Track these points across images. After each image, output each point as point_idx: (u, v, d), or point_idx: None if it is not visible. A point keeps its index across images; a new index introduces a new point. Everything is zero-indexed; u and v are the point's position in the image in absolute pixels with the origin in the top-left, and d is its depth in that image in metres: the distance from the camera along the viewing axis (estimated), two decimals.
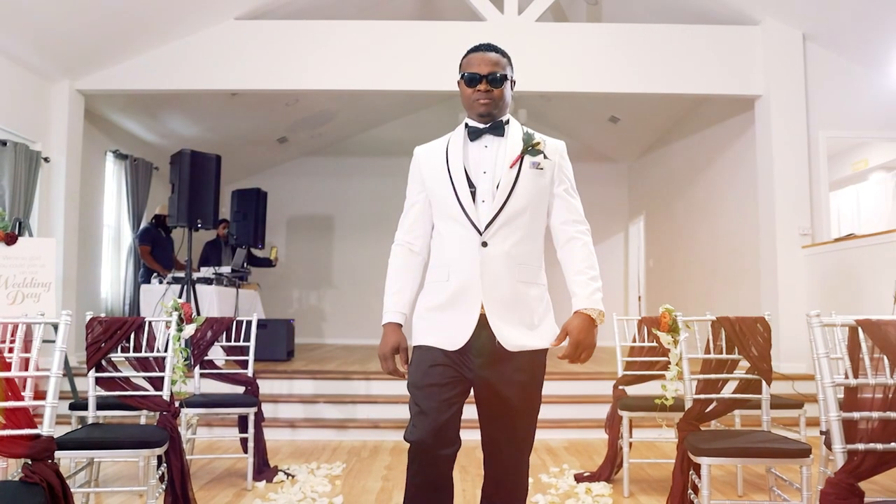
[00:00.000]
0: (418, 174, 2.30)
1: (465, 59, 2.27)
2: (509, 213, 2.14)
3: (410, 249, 2.29)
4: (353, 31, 7.12)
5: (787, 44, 7.08)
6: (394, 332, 2.20)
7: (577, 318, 2.10)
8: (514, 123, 2.28)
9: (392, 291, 2.25)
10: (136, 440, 2.83)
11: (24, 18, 5.81)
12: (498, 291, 2.11)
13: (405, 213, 2.33)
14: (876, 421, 1.96)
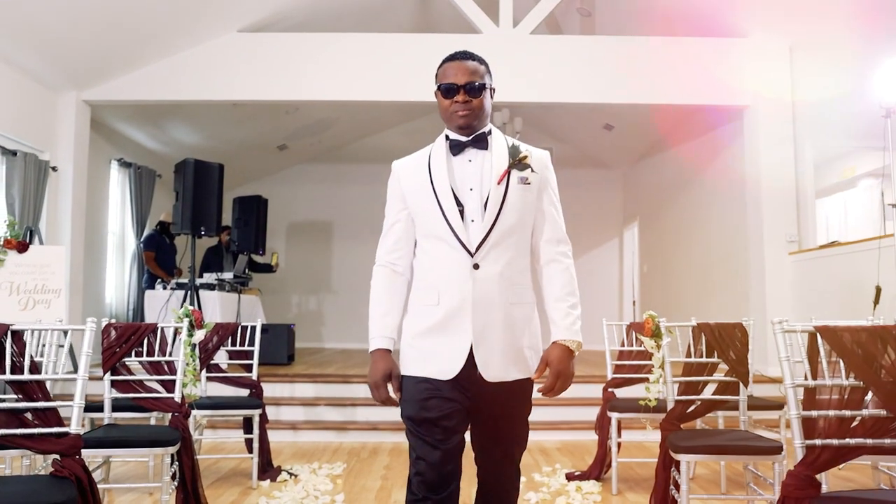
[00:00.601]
0: (398, 191, 2.18)
1: (441, 69, 2.15)
2: (500, 232, 2.05)
3: (394, 270, 2.17)
4: (352, 43, 7.33)
5: (774, 55, 7.30)
6: (384, 359, 2.07)
7: (556, 350, 2.06)
8: (496, 134, 2.18)
9: (378, 315, 2.12)
10: (151, 439, 3.02)
11: (34, 32, 6.01)
12: (489, 316, 2.02)
13: (386, 233, 2.20)
14: (833, 419, 2.15)
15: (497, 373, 2.02)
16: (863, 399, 2.18)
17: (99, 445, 2.95)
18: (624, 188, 12.70)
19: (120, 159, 8.65)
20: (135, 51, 6.98)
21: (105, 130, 8.35)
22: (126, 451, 2.99)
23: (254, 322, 4.75)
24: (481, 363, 2.00)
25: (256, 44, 7.35)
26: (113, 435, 3.05)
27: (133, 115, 8.40)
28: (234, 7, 7.05)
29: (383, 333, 2.09)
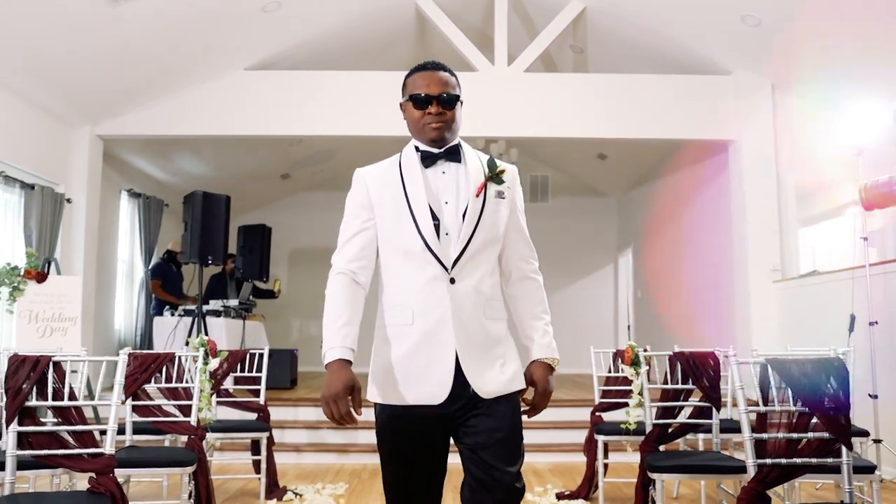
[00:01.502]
0: (366, 199, 2.06)
1: (410, 79, 2.07)
2: (476, 245, 1.99)
3: (354, 280, 2.03)
4: (352, 81, 7.68)
5: (756, 92, 7.64)
6: (345, 370, 1.88)
7: (538, 368, 2.06)
8: (466, 147, 2.12)
9: (339, 325, 1.95)
10: (172, 460, 3.30)
11: (52, 71, 6.35)
12: (470, 332, 1.95)
13: (348, 241, 2.06)
14: (782, 440, 2.44)
15: (491, 387, 1.94)
16: (808, 423, 2.46)
17: (127, 465, 3.22)
18: (618, 215, 13.02)
19: (130, 190, 8.97)
20: (146, 88, 7.32)
21: (116, 162, 8.67)
22: (150, 471, 3.27)
23: (258, 347, 5.03)
24: (473, 378, 1.92)
25: (262, 81, 7.69)
26: (136, 456, 3.32)
27: (142, 147, 8.73)
28: (242, 46, 7.40)
29: (343, 343, 1.92)
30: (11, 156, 6.37)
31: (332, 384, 1.87)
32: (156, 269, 8.60)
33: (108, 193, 8.38)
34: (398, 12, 8.05)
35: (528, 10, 8.42)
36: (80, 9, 5.69)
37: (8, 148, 6.33)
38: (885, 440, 5.13)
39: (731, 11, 6.72)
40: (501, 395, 1.96)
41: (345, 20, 7.70)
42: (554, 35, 7.82)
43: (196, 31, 6.71)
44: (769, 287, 7.35)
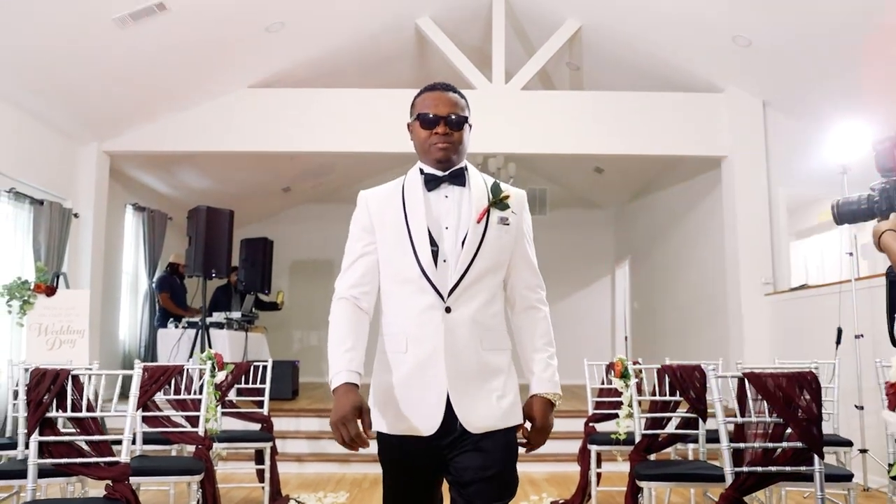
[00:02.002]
0: (368, 222, 2.03)
1: (419, 99, 2.06)
2: (475, 274, 1.93)
3: (357, 305, 1.99)
4: (352, 98, 7.87)
5: (748, 110, 7.82)
6: (352, 393, 1.85)
7: (538, 403, 1.98)
8: (472, 171, 2.06)
9: (344, 349, 1.92)
10: (181, 469, 3.45)
11: (61, 89, 6.53)
12: (463, 363, 1.89)
13: (350, 266, 2.03)
14: (758, 450, 2.59)
15: (480, 422, 1.88)
16: (783, 433, 2.62)
17: (139, 474, 3.36)
18: (615, 227, 13.19)
19: (134, 204, 9.14)
20: (152, 105, 7.50)
21: (121, 177, 8.84)
22: (160, 479, 3.41)
23: (260, 359, 5.18)
24: (462, 413, 1.87)
25: (265, 98, 7.88)
26: (146, 465, 3.47)
27: (147, 162, 8.90)
28: (245, 64, 7.58)
29: (349, 367, 1.89)
30: (22, 173, 6.54)
31: (339, 408, 1.82)
32: (162, 282, 8.76)
33: (113, 207, 8.53)
34: (398, 31, 8.24)
35: (526, 29, 8.62)
36: (91, 32, 5.88)
37: (19, 165, 6.51)
38: (870, 450, 5.29)
39: (723, 32, 6.92)
40: (493, 430, 1.89)
41: (346, 39, 7.89)
42: (550, 53, 8.02)
43: (201, 51, 6.90)
44: (761, 300, 7.51)
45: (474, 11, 8.22)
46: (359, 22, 7.67)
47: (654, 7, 6.98)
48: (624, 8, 7.34)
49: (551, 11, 8.00)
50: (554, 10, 7.97)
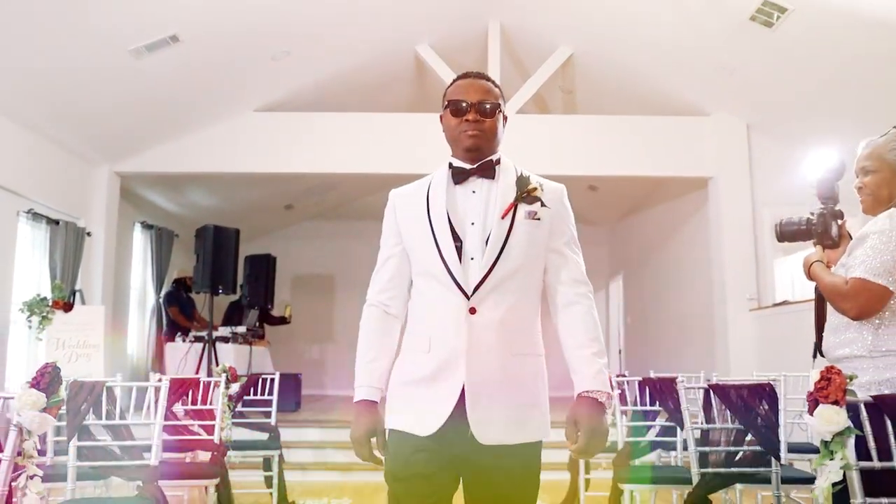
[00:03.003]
0: (394, 223, 1.99)
1: (451, 88, 1.97)
2: (501, 273, 1.82)
3: (386, 311, 1.96)
4: (354, 121, 8.23)
5: (733, 132, 8.18)
6: (368, 412, 1.85)
7: (585, 404, 1.79)
8: (506, 164, 1.96)
9: (365, 361, 1.91)
10: (200, 473, 3.74)
11: (77, 115, 6.87)
12: (485, 369, 1.79)
13: (378, 269, 2.01)
14: (721, 453, 2.90)
15: (494, 435, 1.77)
16: (744, 438, 2.93)
17: (165, 477, 3.66)
18: (609, 243, 13.51)
19: (143, 222, 9.46)
20: (162, 128, 7.83)
21: (130, 196, 9.16)
22: (182, 482, 3.71)
23: (263, 371, 5.49)
24: (474, 422, 1.76)
25: (270, 121, 8.22)
26: (167, 469, 3.76)
27: (155, 182, 9.22)
28: (251, 89, 7.92)
29: (370, 382, 1.88)
30: (40, 194, 6.86)
31: (355, 429, 1.85)
32: (171, 297, 9.07)
33: (123, 225, 8.85)
34: (397, 57, 8.58)
35: (520, 55, 8.97)
36: (107, 62, 6.22)
37: (37, 187, 6.83)
38: None
39: (707, 60, 7.28)
40: (508, 444, 1.79)
41: (347, 65, 8.23)
42: (544, 78, 8.37)
43: (210, 78, 7.23)
44: (746, 315, 7.83)
45: (470, 38, 8.56)
46: (360, 49, 8.01)
47: (642, 35, 7.34)
48: (613, 36, 7.70)
49: (544, 38, 8.36)
50: (546, 38, 8.32)
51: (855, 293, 2.13)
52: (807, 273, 2.39)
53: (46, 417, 1.98)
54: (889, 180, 2.25)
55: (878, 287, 2.10)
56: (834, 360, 2.23)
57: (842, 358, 2.21)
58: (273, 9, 6.44)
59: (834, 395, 1.76)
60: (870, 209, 2.32)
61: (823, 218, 2.47)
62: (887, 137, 2.28)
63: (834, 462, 1.78)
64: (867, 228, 2.19)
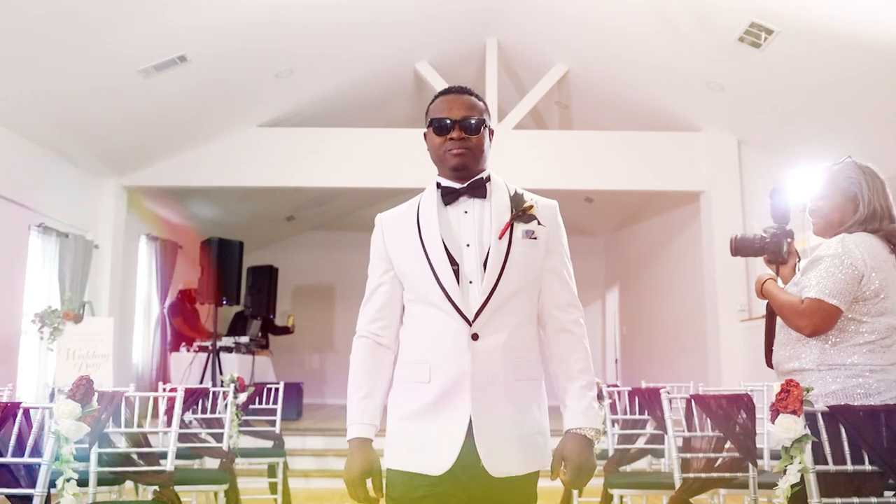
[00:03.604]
0: (383, 249, 1.92)
1: (433, 105, 1.90)
2: (503, 295, 1.77)
3: (377, 342, 1.88)
4: (355, 136, 8.47)
5: (724, 148, 8.41)
6: (362, 451, 1.76)
7: (573, 441, 1.77)
8: (496, 181, 1.90)
9: (358, 397, 1.81)
10: (211, 479, 3.93)
11: (87, 131, 7.10)
12: (491, 397, 1.74)
13: (368, 298, 1.94)
14: (702, 459, 3.10)
15: (505, 466, 1.72)
16: (723, 445, 3.13)
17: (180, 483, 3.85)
18: (606, 254, 13.73)
19: (148, 234, 9.66)
20: (168, 143, 8.05)
21: (136, 208, 9.34)
22: (195, 487, 3.90)
23: (266, 381, 5.68)
24: (485, 453, 1.71)
25: (274, 136, 8.45)
26: (180, 475, 3.95)
27: (160, 194, 9.42)
28: (255, 105, 8.15)
29: (362, 419, 1.79)
30: (50, 208, 7.07)
31: (349, 469, 1.76)
32: (175, 308, 9.27)
33: (128, 237, 9.05)
34: (397, 73, 8.81)
35: (517, 71, 9.20)
36: (117, 81, 6.44)
37: (48, 201, 7.04)
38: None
39: (698, 78, 7.51)
40: (517, 475, 1.75)
41: (348, 81, 8.46)
42: (540, 95, 8.60)
43: (216, 95, 7.46)
44: (737, 325, 8.04)
45: (468, 55, 8.80)
46: (361, 67, 8.24)
47: (635, 53, 7.57)
48: (607, 54, 7.93)
49: (540, 55, 8.59)
50: (543, 55, 8.56)
51: (811, 312, 2.31)
52: (759, 291, 2.59)
53: (81, 425, 2.18)
54: (842, 206, 2.45)
55: (832, 307, 2.29)
56: (784, 373, 2.42)
57: (791, 371, 2.41)
58: (277, 29, 6.66)
59: (792, 405, 1.96)
60: (821, 231, 2.52)
61: (777, 238, 2.67)
62: (842, 166, 2.49)
63: (793, 466, 1.98)
64: (820, 252, 2.39)
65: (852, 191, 2.43)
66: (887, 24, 5.67)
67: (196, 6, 5.90)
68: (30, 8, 5.18)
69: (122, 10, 5.59)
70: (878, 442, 2.03)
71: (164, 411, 3.50)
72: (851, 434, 2.03)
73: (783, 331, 2.49)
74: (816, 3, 5.75)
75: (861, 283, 2.32)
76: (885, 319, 2.31)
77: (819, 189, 2.51)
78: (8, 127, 6.42)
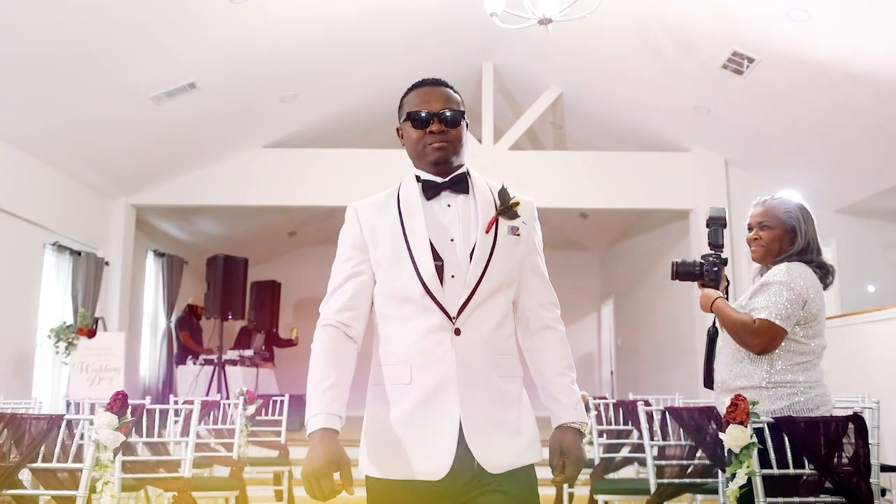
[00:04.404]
0: (360, 238, 1.83)
1: (407, 98, 1.87)
2: (486, 290, 1.74)
3: (346, 333, 1.78)
4: (356, 157, 8.77)
5: (712, 167, 8.72)
6: (329, 442, 1.60)
7: (567, 434, 1.78)
8: (475, 176, 1.88)
9: (324, 387, 1.67)
10: (224, 486, 4.21)
11: (98, 154, 7.41)
12: (478, 393, 1.70)
13: (338, 287, 1.82)
14: (675, 466, 3.38)
15: (501, 460, 1.69)
16: (695, 454, 3.41)
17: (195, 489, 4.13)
18: (601, 268, 14.03)
19: (155, 250, 9.97)
20: (176, 163, 8.36)
21: (144, 226, 9.67)
22: (207, 494, 4.18)
23: (269, 393, 5.96)
24: (479, 451, 1.67)
25: (277, 157, 8.76)
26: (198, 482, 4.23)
27: (167, 212, 9.73)
28: (260, 127, 8.46)
29: (328, 409, 1.64)
30: (64, 227, 7.38)
31: (313, 459, 1.57)
32: (182, 322, 9.56)
33: (136, 254, 9.35)
34: (396, 96, 8.99)
35: (512, 93, 9.53)
36: (129, 107, 6.76)
37: (61, 220, 7.35)
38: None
39: (685, 101, 7.83)
40: (515, 468, 1.72)
41: (349, 104, 8.77)
42: (535, 117, 8.91)
43: (223, 118, 7.77)
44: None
45: (465, 78, 9.10)
46: (361, 91, 8.55)
47: (624, 78, 7.89)
48: (599, 78, 8.25)
49: (535, 79, 8.91)
50: (537, 78, 8.87)
51: (763, 331, 2.59)
52: (707, 306, 2.85)
53: (118, 435, 2.46)
54: (781, 237, 2.73)
55: (780, 329, 2.58)
56: (732, 390, 2.66)
57: (741, 388, 2.63)
58: (281, 58, 6.98)
59: (740, 417, 2.25)
60: (760, 259, 2.81)
61: (714, 264, 2.94)
62: (780, 200, 2.78)
63: (741, 470, 2.27)
64: (768, 279, 2.67)
65: (791, 224, 2.72)
66: (864, 55, 5.98)
67: (205, 37, 6.22)
68: (50, 42, 5.50)
69: (136, 42, 5.92)
70: (816, 449, 2.32)
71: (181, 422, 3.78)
72: (794, 443, 2.33)
73: (729, 350, 2.75)
74: (796, 34, 6.06)
75: (803, 308, 2.61)
76: (818, 341, 2.61)
77: (760, 220, 2.80)
78: (27, 152, 6.74)
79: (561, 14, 5.07)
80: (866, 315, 6.34)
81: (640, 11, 6.58)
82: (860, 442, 2.33)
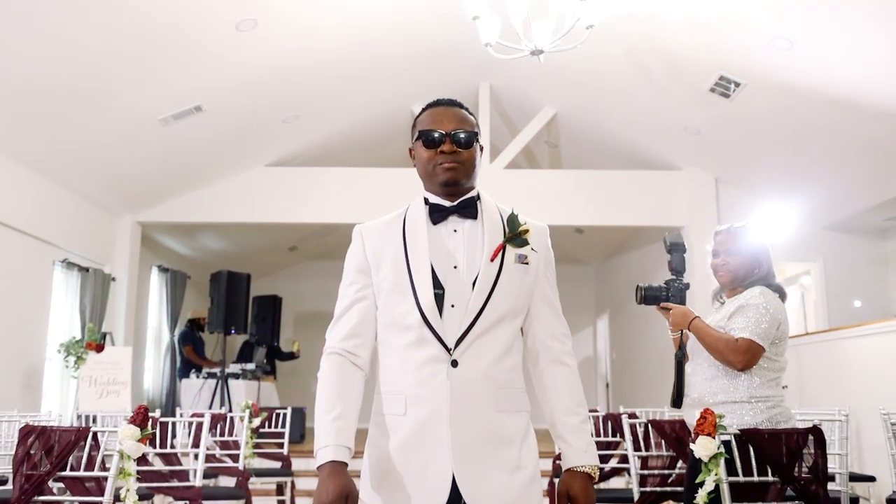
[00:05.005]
0: (364, 262, 1.79)
1: (422, 117, 1.81)
2: (488, 321, 1.68)
3: (352, 362, 1.75)
4: (357, 175, 9.00)
5: (703, 185, 8.97)
6: (338, 475, 1.57)
7: (576, 480, 1.71)
8: (486, 200, 1.82)
9: (331, 417, 1.65)
10: (230, 495, 4.42)
11: (106, 173, 7.65)
12: (471, 429, 1.64)
13: (343, 314, 1.80)
14: (657, 475, 3.60)
15: (494, 501, 1.62)
16: (676, 464, 3.63)
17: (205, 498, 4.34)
18: (596, 282, 14.26)
19: (160, 265, 10.19)
20: (181, 182, 8.60)
21: (148, 242, 9.90)
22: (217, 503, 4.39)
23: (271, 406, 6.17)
24: (468, 490, 1.61)
25: (280, 175, 9.00)
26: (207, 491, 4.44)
27: (171, 228, 9.97)
28: (263, 147, 8.71)
29: (338, 441, 1.62)
30: (72, 244, 7.60)
31: (323, 493, 1.55)
32: (186, 336, 9.77)
33: (141, 269, 9.57)
34: (395, 116, 9.37)
35: (508, 113, 9.78)
36: (137, 130, 7.00)
37: (70, 238, 7.58)
38: None
39: (675, 122, 8.09)
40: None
41: (350, 124, 9.02)
42: (531, 135, 9.15)
43: (227, 139, 8.01)
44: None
45: (463, 98, 9.03)
46: (361, 111, 8.80)
47: (616, 100, 8.14)
48: (592, 99, 8.50)
49: (530, 99, 9.16)
50: (532, 98, 9.12)
51: (746, 349, 2.79)
52: (686, 325, 3.02)
53: (140, 445, 2.67)
54: (747, 263, 2.95)
55: (760, 347, 2.79)
56: (712, 405, 2.85)
57: (720, 403, 2.80)
58: (284, 81, 7.23)
59: (708, 429, 2.47)
60: (726, 283, 3.01)
61: (678, 289, 3.12)
62: (744, 229, 3.00)
63: (710, 477, 2.48)
64: (744, 301, 2.88)
65: (754, 251, 2.95)
66: (846, 81, 6.23)
67: (212, 63, 6.47)
68: (64, 68, 5.75)
69: (146, 68, 6.17)
70: (779, 459, 2.54)
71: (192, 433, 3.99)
72: (758, 453, 2.55)
73: (708, 367, 2.95)
74: (779, 61, 6.31)
75: (777, 328, 2.83)
76: (784, 358, 2.83)
77: (727, 247, 3.01)
78: (39, 171, 6.98)
79: (552, 45, 5.31)
80: (853, 329, 6.55)
81: (631, 38, 6.84)
82: (819, 452, 2.54)
